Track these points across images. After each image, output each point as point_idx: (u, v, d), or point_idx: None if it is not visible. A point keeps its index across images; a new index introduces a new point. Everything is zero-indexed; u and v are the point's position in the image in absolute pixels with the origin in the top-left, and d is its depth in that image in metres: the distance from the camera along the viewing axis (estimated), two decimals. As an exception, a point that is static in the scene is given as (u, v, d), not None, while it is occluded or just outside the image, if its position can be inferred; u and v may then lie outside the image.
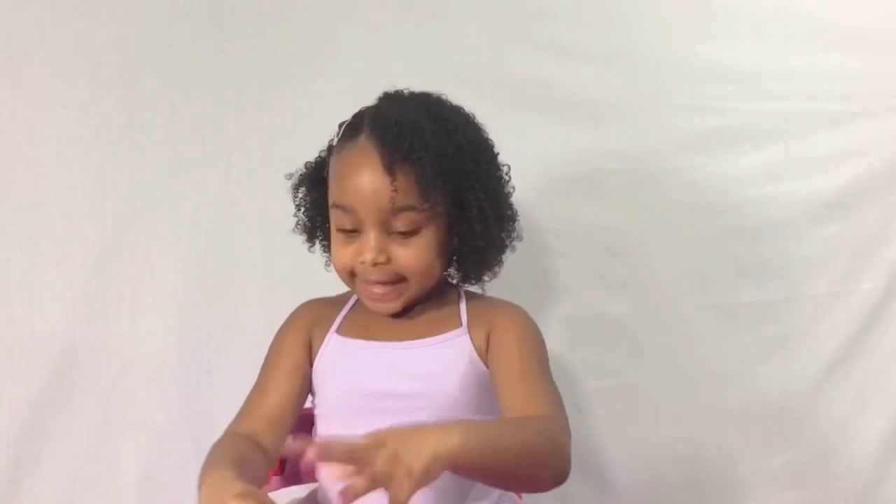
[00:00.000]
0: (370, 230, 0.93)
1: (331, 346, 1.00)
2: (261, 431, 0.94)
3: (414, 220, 0.92)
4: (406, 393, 0.95)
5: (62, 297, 1.29)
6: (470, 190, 0.95)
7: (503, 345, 0.96)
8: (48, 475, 1.30)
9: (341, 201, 0.94)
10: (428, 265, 0.95)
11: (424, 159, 0.90)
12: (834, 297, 1.53)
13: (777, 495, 1.52)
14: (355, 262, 0.94)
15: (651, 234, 1.47)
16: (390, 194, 0.90)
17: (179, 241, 1.31)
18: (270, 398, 0.97)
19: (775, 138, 1.50)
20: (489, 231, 0.96)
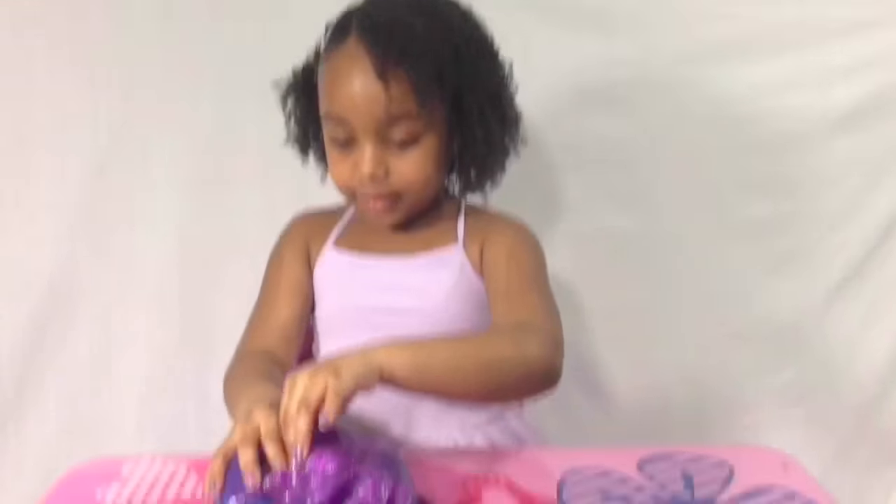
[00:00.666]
0: (366, 142, 0.88)
1: (328, 259, 0.98)
2: (274, 347, 0.93)
3: (412, 128, 0.87)
4: (400, 308, 0.94)
5: (58, 210, 1.28)
6: (470, 92, 0.89)
7: (493, 259, 0.94)
8: (51, 391, 1.31)
9: (333, 112, 0.89)
10: (428, 176, 0.91)
11: (420, 62, 0.84)
12: (847, 213, 1.49)
13: (780, 411, 1.52)
14: (354, 179, 0.90)
15: (661, 148, 1.42)
16: (385, 102, 0.85)
17: (176, 154, 1.29)
18: (277, 314, 0.96)
19: (792, 48, 1.43)
20: (491, 136, 0.92)
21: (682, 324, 1.48)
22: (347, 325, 0.97)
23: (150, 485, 0.75)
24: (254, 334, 0.95)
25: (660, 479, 0.77)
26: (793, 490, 0.75)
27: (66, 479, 0.78)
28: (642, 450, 0.83)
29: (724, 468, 0.79)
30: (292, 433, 0.63)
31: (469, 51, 0.89)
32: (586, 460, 0.80)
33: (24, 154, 1.26)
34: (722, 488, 0.75)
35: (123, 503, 0.72)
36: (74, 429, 1.32)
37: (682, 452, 0.82)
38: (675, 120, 1.42)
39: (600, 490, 0.75)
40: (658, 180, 1.44)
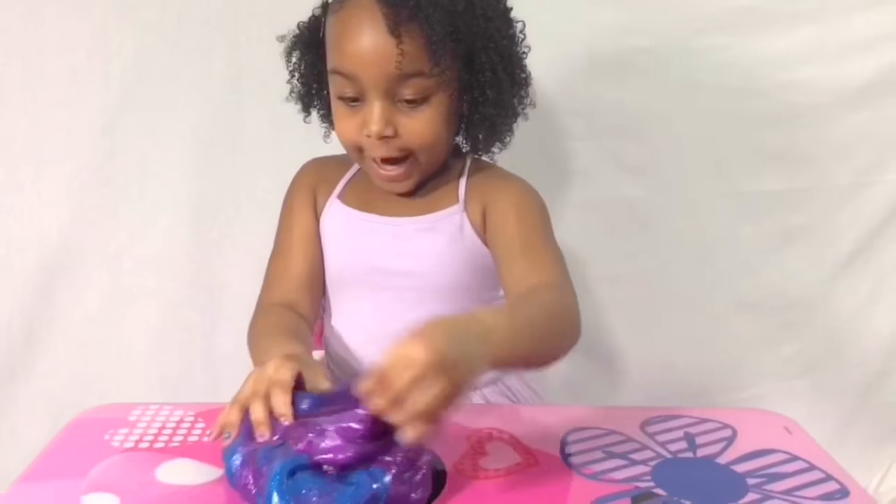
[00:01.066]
0: (374, 99, 0.85)
1: (331, 213, 0.97)
2: (295, 299, 0.93)
3: (423, 86, 0.84)
4: (400, 271, 0.93)
5: (69, 163, 1.28)
6: (483, 51, 0.86)
7: (499, 220, 0.91)
8: (61, 341, 1.32)
9: (341, 67, 0.85)
10: (438, 137, 0.88)
11: (434, 18, 0.81)
12: (858, 187, 1.49)
13: (785, 383, 1.53)
14: (361, 136, 0.87)
15: (673, 117, 1.41)
16: (396, 59, 0.81)
17: (187, 109, 1.28)
18: (293, 265, 0.96)
19: (810, 19, 1.41)
20: (502, 96, 0.89)
21: (689, 294, 1.48)
22: (348, 283, 0.97)
23: (158, 430, 0.76)
24: (273, 286, 0.95)
25: (662, 439, 0.78)
26: (795, 453, 0.75)
27: (75, 424, 0.79)
28: (646, 410, 0.83)
29: (727, 430, 0.79)
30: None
31: (482, 7, 0.86)
32: (590, 420, 0.81)
33: (36, 110, 1.26)
34: (724, 449, 0.76)
35: (131, 447, 0.73)
36: (83, 379, 1.33)
37: (685, 414, 0.83)
38: (688, 90, 1.41)
39: (603, 448, 0.76)
40: (669, 150, 1.43)
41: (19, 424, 1.33)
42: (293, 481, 0.61)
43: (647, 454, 0.75)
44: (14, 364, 1.32)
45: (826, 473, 0.72)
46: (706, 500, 0.67)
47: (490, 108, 0.89)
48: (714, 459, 0.74)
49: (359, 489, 0.62)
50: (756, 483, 0.70)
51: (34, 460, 0.72)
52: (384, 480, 0.63)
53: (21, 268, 1.29)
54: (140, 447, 0.73)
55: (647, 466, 0.72)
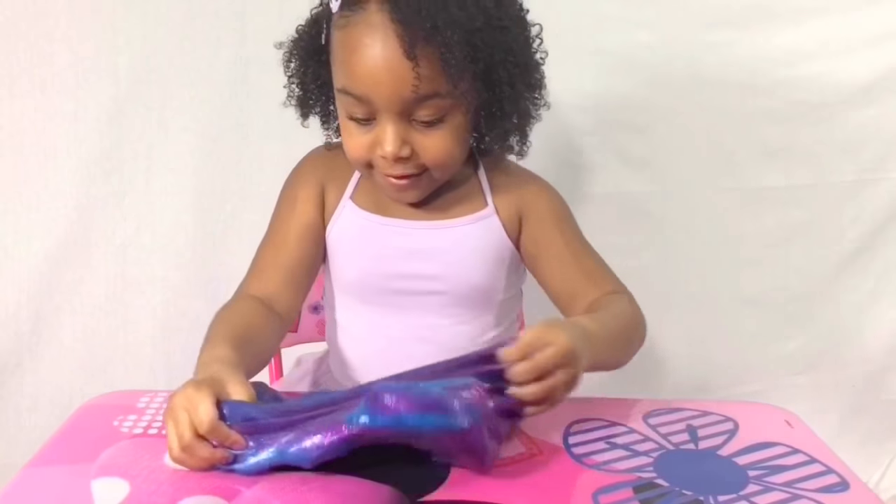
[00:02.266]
0: (388, 121, 0.80)
1: (345, 215, 0.92)
2: (275, 293, 0.88)
3: (440, 107, 0.80)
4: (426, 275, 0.90)
5: (76, 153, 1.28)
6: (501, 65, 0.82)
7: (544, 230, 0.92)
8: (67, 329, 1.33)
9: (352, 89, 0.80)
10: (453, 154, 0.85)
11: (452, 40, 0.76)
12: (861, 184, 1.50)
13: (786, 379, 1.54)
14: (373, 154, 0.83)
15: (678, 113, 1.42)
16: (412, 83, 0.77)
17: (194, 100, 1.29)
18: (283, 257, 0.90)
19: (815, 16, 1.42)
20: (520, 109, 0.86)
21: (692, 289, 1.49)
22: (369, 289, 0.93)
23: (166, 417, 0.77)
24: (258, 277, 0.90)
25: (664, 431, 0.78)
26: (795, 446, 0.76)
27: (84, 410, 0.80)
28: (648, 402, 0.84)
29: (729, 423, 0.80)
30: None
31: (500, 18, 0.81)
32: (593, 411, 0.82)
33: (43, 100, 1.27)
34: (725, 442, 0.77)
35: (140, 433, 0.74)
36: (89, 368, 1.35)
37: (687, 407, 0.83)
38: (694, 86, 1.42)
39: (606, 439, 0.77)
40: (674, 146, 1.44)
41: (26, 413, 1.34)
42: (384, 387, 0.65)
43: (649, 445, 0.75)
44: (21, 353, 1.33)
45: (826, 466, 0.73)
46: (707, 491, 0.68)
47: (507, 121, 0.87)
48: (716, 451, 0.75)
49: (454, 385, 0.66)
50: (757, 475, 0.71)
51: (44, 445, 0.72)
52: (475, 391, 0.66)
53: (28, 257, 1.30)
54: (149, 433, 0.74)
55: (649, 457, 0.73)
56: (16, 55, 1.25)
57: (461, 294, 0.91)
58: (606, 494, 0.67)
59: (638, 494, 0.67)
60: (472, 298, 0.92)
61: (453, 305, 0.92)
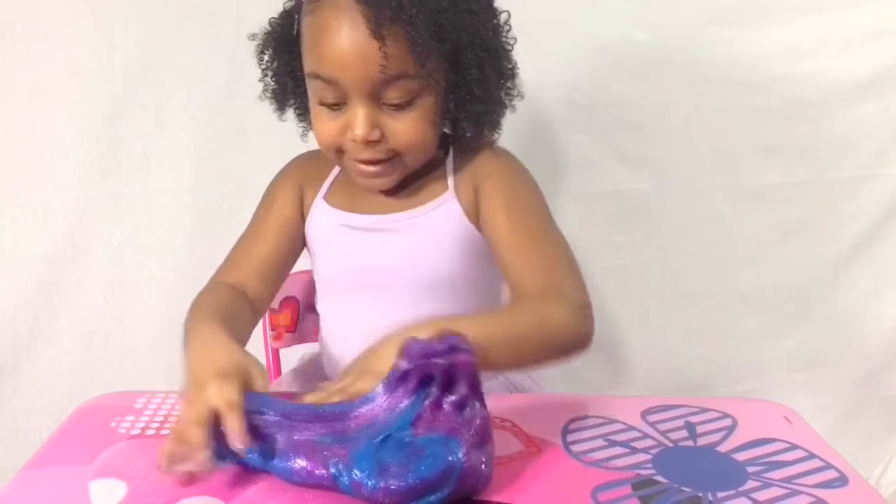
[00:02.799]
0: (358, 103, 0.81)
1: (317, 214, 0.95)
2: (248, 281, 0.90)
3: (408, 89, 0.81)
4: (391, 268, 0.91)
5: (73, 155, 1.29)
6: (469, 48, 0.83)
7: (492, 209, 0.88)
8: (65, 331, 1.34)
9: (321, 72, 0.81)
10: (424, 138, 0.85)
11: (417, 18, 0.77)
12: (860, 180, 1.49)
13: (785, 376, 1.54)
14: (343, 140, 0.84)
15: (675, 110, 1.42)
16: (380, 63, 0.77)
17: (191, 101, 1.30)
18: (259, 248, 0.93)
19: (812, 13, 1.42)
20: (489, 93, 0.86)
21: (690, 287, 1.49)
22: (340, 284, 0.95)
23: (164, 417, 0.77)
24: (231, 265, 0.93)
25: (663, 427, 0.78)
26: (794, 442, 0.76)
27: (81, 411, 0.80)
28: (646, 400, 0.84)
29: (727, 419, 0.80)
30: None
31: (467, 2, 0.82)
32: (591, 409, 0.82)
33: (41, 100, 1.27)
34: (724, 438, 0.77)
35: (138, 434, 0.74)
36: (87, 369, 1.35)
37: (685, 404, 0.83)
38: (691, 83, 1.41)
39: (604, 437, 0.76)
40: (671, 143, 1.44)
41: (24, 415, 1.35)
42: (377, 450, 0.63)
43: (647, 442, 0.75)
44: (19, 354, 1.33)
45: (825, 462, 0.73)
46: (706, 487, 0.68)
47: (477, 105, 0.86)
48: (714, 448, 0.75)
49: (435, 461, 0.62)
50: (756, 471, 0.71)
51: (41, 447, 0.72)
52: (458, 454, 0.63)
53: (26, 259, 1.30)
54: (146, 434, 0.74)
55: (647, 454, 0.73)
56: (12, 56, 1.25)
57: (428, 283, 0.91)
58: (605, 492, 0.67)
59: (637, 491, 0.67)
60: (441, 287, 0.92)
61: (423, 296, 0.91)
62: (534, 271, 0.84)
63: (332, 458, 0.63)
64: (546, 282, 0.83)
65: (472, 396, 0.66)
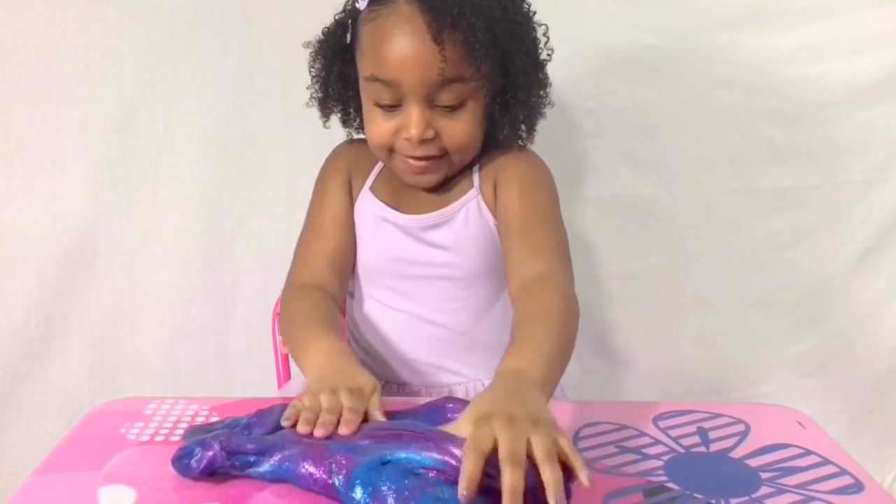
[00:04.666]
0: (413, 105, 0.87)
1: (363, 203, 0.99)
2: (326, 280, 0.95)
3: (461, 91, 0.87)
4: (427, 261, 0.97)
5: (83, 162, 1.29)
6: (517, 55, 0.90)
7: (504, 198, 0.94)
8: (76, 336, 1.34)
9: (382, 74, 0.87)
10: (473, 139, 0.92)
11: (476, 25, 0.84)
12: (870, 183, 1.49)
13: (798, 380, 1.53)
14: (397, 139, 0.90)
15: (685, 114, 1.41)
16: (439, 66, 0.84)
17: (200, 108, 1.29)
18: (327, 244, 0.97)
19: (822, 15, 1.41)
20: (531, 98, 0.93)
21: (701, 291, 1.48)
22: (378, 272, 1.00)
23: (174, 424, 0.77)
24: (305, 266, 0.96)
25: (675, 433, 0.78)
26: (808, 448, 0.75)
27: (91, 417, 0.80)
28: (658, 405, 0.83)
29: (740, 425, 0.79)
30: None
31: (514, 12, 0.90)
32: (602, 415, 0.81)
33: (51, 107, 1.27)
34: (737, 444, 0.76)
35: (147, 440, 0.74)
36: (97, 376, 1.34)
37: (698, 409, 0.83)
38: (700, 87, 1.41)
39: (616, 443, 0.76)
40: (681, 147, 1.44)
41: (35, 420, 1.34)
42: (378, 474, 0.61)
43: (659, 449, 0.75)
44: (30, 360, 1.33)
45: (840, 468, 0.72)
46: (719, 494, 0.67)
47: (521, 109, 0.93)
48: (727, 454, 0.74)
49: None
50: (770, 477, 0.70)
51: (51, 453, 0.72)
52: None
53: (36, 266, 1.30)
54: (156, 440, 0.74)
55: (659, 461, 0.73)
56: (23, 65, 1.25)
57: (464, 277, 0.97)
58: (617, 499, 0.66)
59: (648, 499, 0.66)
60: (477, 280, 0.98)
61: (460, 287, 0.98)
62: (534, 254, 0.89)
63: (335, 468, 0.63)
64: (539, 263, 0.87)
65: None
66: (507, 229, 0.93)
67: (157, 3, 1.26)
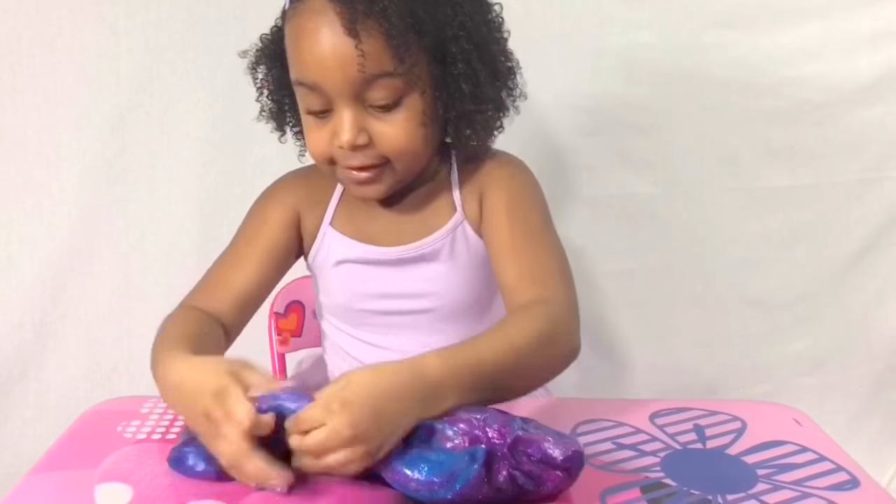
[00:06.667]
0: (343, 107, 0.78)
1: (327, 242, 0.91)
2: (224, 310, 0.85)
3: (391, 88, 0.77)
4: (410, 296, 0.90)
5: (79, 161, 1.29)
6: (453, 41, 0.79)
7: (492, 218, 0.86)
8: (72, 336, 1.34)
9: (303, 77, 0.79)
10: (414, 141, 0.80)
11: (390, 10, 0.74)
12: (867, 183, 1.49)
13: (793, 380, 1.53)
14: (332, 148, 0.80)
15: (681, 113, 1.42)
16: (357, 60, 0.74)
17: (196, 107, 1.30)
18: (240, 275, 0.87)
19: (817, 15, 1.42)
20: (481, 90, 0.81)
21: (697, 290, 1.49)
22: (355, 313, 0.92)
23: (170, 422, 0.77)
24: (207, 290, 0.87)
25: (672, 430, 0.78)
26: (805, 444, 0.75)
27: (87, 416, 0.80)
28: (655, 403, 0.83)
29: (736, 422, 0.79)
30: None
31: None
32: (599, 412, 0.81)
33: (47, 108, 1.27)
34: (733, 441, 0.76)
35: (144, 438, 0.74)
36: (93, 376, 1.35)
37: (694, 407, 0.83)
38: (695, 86, 1.41)
39: (612, 440, 0.76)
40: (676, 146, 1.44)
41: (31, 421, 1.35)
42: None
43: (656, 445, 0.75)
44: (26, 361, 1.33)
45: (836, 464, 0.72)
46: (716, 490, 0.67)
47: (468, 103, 0.82)
48: (724, 450, 0.74)
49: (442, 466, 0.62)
50: (766, 474, 0.70)
51: (48, 451, 0.72)
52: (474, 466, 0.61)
53: (32, 266, 1.30)
54: (152, 438, 0.74)
55: (656, 457, 0.73)
56: (19, 64, 1.25)
57: (450, 310, 0.90)
58: (614, 495, 0.66)
59: (646, 494, 0.67)
60: (462, 311, 0.91)
61: (444, 321, 0.90)
62: (527, 275, 0.82)
63: None
64: (538, 288, 0.80)
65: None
66: (498, 250, 0.85)
67: (153, 3, 1.26)
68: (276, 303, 1.12)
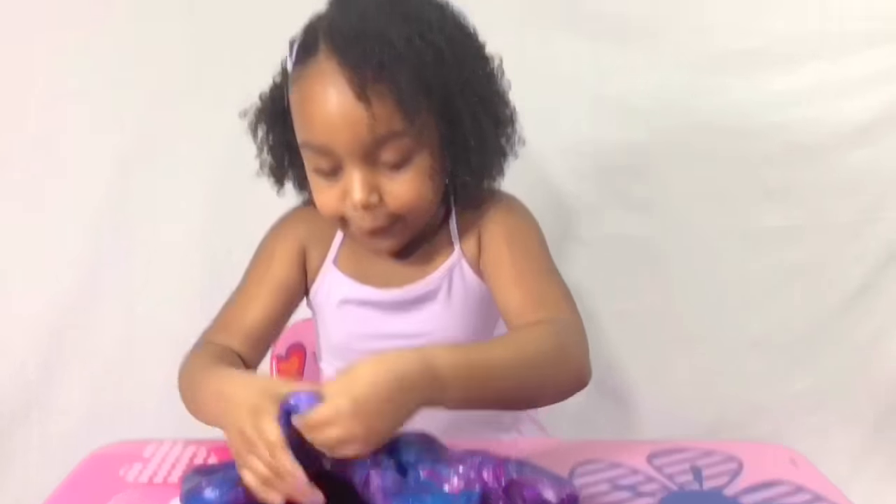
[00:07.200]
0: (353, 168, 0.78)
1: (328, 280, 0.92)
2: (240, 346, 0.87)
3: (401, 147, 0.78)
4: (409, 335, 0.89)
5: (85, 205, 1.30)
6: (459, 98, 0.80)
7: (492, 251, 0.87)
8: (75, 380, 1.35)
9: (312, 140, 0.80)
10: (425, 197, 0.82)
11: (400, 75, 0.75)
12: (861, 224, 1.50)
13: (795, 420, 1.53)
14: (344, 207, 0.81)
15: (677, 156, 1.43)
16: (368, 124, 0.75)
17: (201, 152, 1.31)
18: (252, 312, 0.89)
19: (809, 59, 1.44)
20: (486, 142, 0.83)
21: (697, 330, 1.49)
22: (353, 352, 0.90)
23: (172, 465, 0.78)
24: (222, 328, 0.89)
25: (669, 471, 0.78)
26: (801, 484, 0.76)
27: (90, 460, 0.81)
28: (652, 443, 0.84)
29: (733, 462, 0.80)
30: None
31: (452, 50, 0.80)
32: (596, 453, 0.82)
33: (52, 150, 1.29)
34: (730, 481, 0.77)
35: (146, 482, 0.74)
36: (96, 418, 1.35)
37: (691, 447, 0.83)
38: (691, 129, 1.43)
39: (610, 481, 0.77)
40: (673, 188, 1.45)
41: (35, 463, 1.35)
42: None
43: (653, 486, 0.75)
44: (30, 403, 1.33)
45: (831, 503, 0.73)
46: (712, 531, 0.68)
47: (475, 156, 0.83)
48: (721, 491, 0.75)
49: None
50: (762, 514, 0.71)
51: (50, 495, 0.73)
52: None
53: (36, 308, 1.31)
54: (154, 482, 0.74)
55: (653, 498, 0.73)
56: (24, 110, 1.28)
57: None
58: (611, 536, 0.67)
59: (642, 535, 0.67)
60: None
61: None
62: (532, 299, 0.82)
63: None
64: (545, 311, 0.80)
65: None
66: (500, 279, 0.85)
67: (156, 48, 1.29)
68: (277, 345, 1.13)
